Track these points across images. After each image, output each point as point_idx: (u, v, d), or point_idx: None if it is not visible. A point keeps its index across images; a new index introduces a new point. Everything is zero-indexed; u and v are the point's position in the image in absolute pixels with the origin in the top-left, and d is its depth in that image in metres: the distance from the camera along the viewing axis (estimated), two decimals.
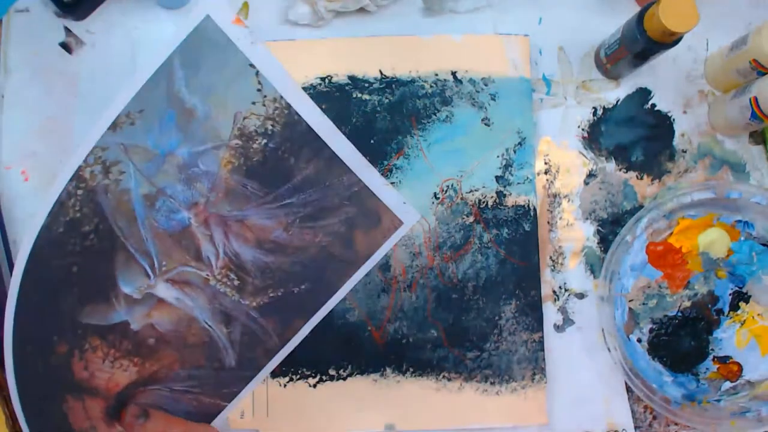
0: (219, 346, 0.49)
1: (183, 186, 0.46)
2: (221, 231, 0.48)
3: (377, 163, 0.53)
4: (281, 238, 0.49)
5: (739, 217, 0.53)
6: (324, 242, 0.50)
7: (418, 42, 0.54)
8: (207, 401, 0.50)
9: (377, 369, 0.52)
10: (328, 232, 0.49)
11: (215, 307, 0.49)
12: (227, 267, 0.48)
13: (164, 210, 0.46)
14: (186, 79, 0.44)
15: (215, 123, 0.46)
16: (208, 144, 0.46)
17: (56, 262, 0.45)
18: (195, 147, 0.46)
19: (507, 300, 0.52)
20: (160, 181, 0.46)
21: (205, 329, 0.49)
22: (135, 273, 0.47)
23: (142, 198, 0.46)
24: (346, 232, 0.50)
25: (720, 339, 0.53)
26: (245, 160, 0.47)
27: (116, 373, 0.47)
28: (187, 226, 0.47)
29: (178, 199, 0.47)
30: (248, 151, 0.47)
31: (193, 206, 0.47)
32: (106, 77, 0.54)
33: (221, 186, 0.47)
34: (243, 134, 0.47)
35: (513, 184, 0.53)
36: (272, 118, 0.46)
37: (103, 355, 0.47)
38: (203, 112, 0.45)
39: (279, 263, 0.49)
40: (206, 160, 0.46)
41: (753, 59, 0.49)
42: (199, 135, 0.46)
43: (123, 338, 0.47)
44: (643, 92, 0.55)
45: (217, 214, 0.47)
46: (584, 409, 0.53)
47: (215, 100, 0.46)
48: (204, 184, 0.47)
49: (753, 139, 0.55)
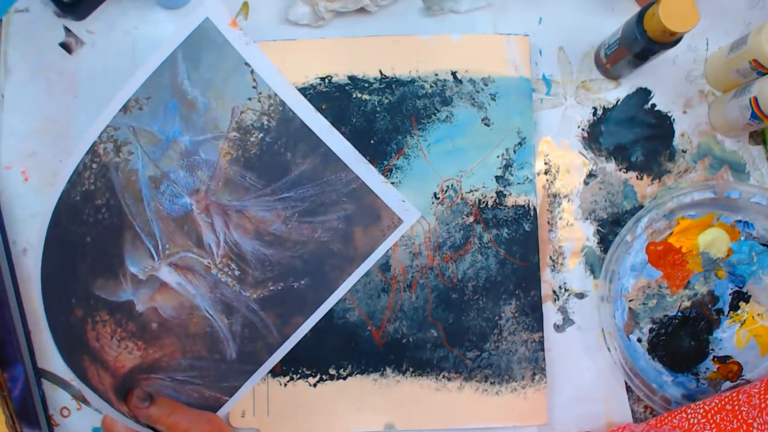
0: (220, 336, 0.51)
1: (185, 172, 0.49)
2: (222, 220, 0.50)
3: (377, 163, 0.53)
4: (280, 231, 0.51)
5: (739, 217, 0.53)
6: (323, 238, 0.51)
7: (418, 42, 0.54)
8: (208, 394, 0.51)
9: (377, 369, 0.52)
10: (326, 228, 0.51)
11: (216, 296, 0.50)
12: (228, 256, 0.50)
13: (168, 194, 0.49)
14: (188, 73, 0.47)
15: (215, 115, 0.49)
16: (208, 134, 0.49)
17: (74, 228, 0.46)
18: (196, 136, 0.48)
19: (507, 300, 0.52)
20: (164, 165, 0.48)
21: (207, 318, 0.50)
22: (141, 253, 0.48)
23: (148, 179, 0.48)
24: (345, 229, 0.51)
25: (720, 339, 0.53)
26: (243, 152, 0.50)
27: (122, 354, 0.48)
28: (189, 212, 0.49)
29: (181, 184, 0.49)
30: (246, 143, 0.50)
31: (194, 192, 0.49)
32: (106, 77, 0.54)
33: (221, 175, 0.49)
34: (240, 127, 0.49)
35: (513, 184, 0.53)
36: (267, 114, 0.49)
37: (111, 332, 0.48)
38: (203, 104, 0.48)
39: (279, 257, 0.51)
40: (207, 149, 0.49)
41: (753, 59, 0.49)
42: (200, 125, 0.48)
43: (129, 319, 0.48)
44: (643, 92, 0.55)
45: (217, 202, 0.50)
46: (584, 409, 0.53)
47: (214, 94, 0.48)
48: (205, 172, 0.49)
49: (753, 139, 0.55)
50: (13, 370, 0.50)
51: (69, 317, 0.47)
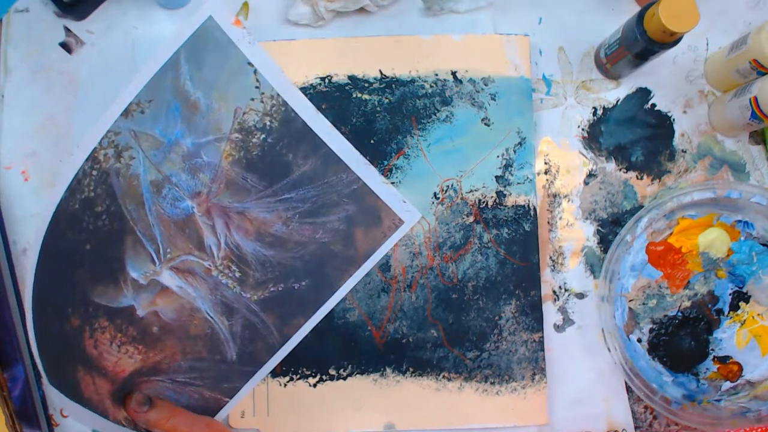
0: (220, 338, 0.50)
1: (187, 175, 0.48)
2: (223, 222, 0.49)
3: (377, 163, 0.53)
4: (281, 232, 0.50)
5: (739, 217, 0.53)
6: (324, 239, 0.51)
7: (418, 42, 0.54)
8: (208, 395, 0.50)
9: (377, 369, 0.52)
10: (327, 229, 0.51)
11: (217, 298, 0.50)
12: (229, 258, 0.50)
13: (170, 197, 0.48)
14: (190, 74, 0.47)
15: (217, 116, 0.48)
16: (211, 136, 0.48)
17: (72, 236, 0.46)
18: (198, 138, 0.48)
19: (507, 300, 0.52)
20: (166, 169, 0.48)
21: (207, 320, 0.50)
22: (142, 258, 0.48)
23: (149, 184, 0.48)
24: (346, 230, 0.51)
25: (720, 339, 0.53)
26: (245, 153, 0.49)
27: (122, 359, 0.48)
28: (191, 215, 0.49)
29: (182, 187, 0.48)
30: (248, 144, 0.49)
31: (196, 195, 0.49)
32: (106, 77, 0.54)
33: (222, 177, 0.49)
34: (243, 128, 0.49)
35: (513, 184, 0.53)
36: (270, 114, 0.49)
37: (111, 338, 0.48)
38: (206, 105, 0.48)
39: (279, 258, 0.51)
40: (209, 151, 0.49)
41: (753, 59, 0.49)
42: (203, 127, 0.48)
43: (129, 324, 0.48)
44: (643, 92, 0.55)
45: (218, 204, 0.49)
46: (584, 409, 0.53)
47: (217, 95, 0.48)
48: (206, 174, 0.49)
49: (753, 139, 0.55)
50: (13, 370, 0.50)
51: (63, 327, 0.46)
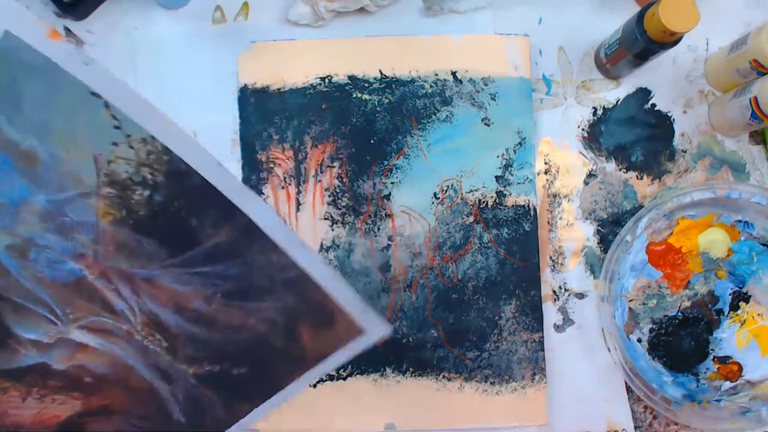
0: (162, 397, 0.45)
1: (57, 236, 0.41)
2: (128, 287, 0.43)
3: (377, 163, 0.53)
4: (204, 309, 0.43)
5: (739, 217, 0.53)
6: (260, 328, 0.43)
7: (418, 42, 0.54)
8: None
9: (377, 369, 0.52)
10: (261, 318, 0.43)
11: (148, 362, 0.44)
12: (149, 325, 0.43)
13: (43, 260, 0.42)
14: (7, 116, 0.37)
15: (71, 167, 0.39)
16: (71, 191, 0.40)
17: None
18: (54, 194, 0.40)
19: (507, 300, 0.52)
20: (22, 231, 0.41)
21: (146, 379, 0.44)
22: (33, 320, 0.43)
23: (5, 250, 0.41)
24: (286, 323, 0.43)
25: (720, 339, 0.53)
26: (128, 212, 0.41)
27: (49, 408, 0.44)
28: (81, 277, 0.42)
29: (57, 249, 0.42)
30: (128, 202, 0.41)
31: (80, 257, 0.42)
32: None
33: (107, 239, 0.42)
34: (114, 182, 0.40)
35: (513, 184, 0.53)
36: (148, 165, 0.40)
37: (22, 395, 0.44)
38: (48, 154, 0.39)
39: (208, 337, 0.43)
40: (74, 209, 0.41)
41: (753, 59, 0.49)
42: (55, 181, 0.40)
43: (47, 378, 0.44)
44: (643, 92, 0.55)
45: (116, 267, 0.42)
46: (584, 409, 0.53)
47: (60, 141, 0.39)
48: (84, 235, 0.41)
49: (753, 139, 0.55)
50: None
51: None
